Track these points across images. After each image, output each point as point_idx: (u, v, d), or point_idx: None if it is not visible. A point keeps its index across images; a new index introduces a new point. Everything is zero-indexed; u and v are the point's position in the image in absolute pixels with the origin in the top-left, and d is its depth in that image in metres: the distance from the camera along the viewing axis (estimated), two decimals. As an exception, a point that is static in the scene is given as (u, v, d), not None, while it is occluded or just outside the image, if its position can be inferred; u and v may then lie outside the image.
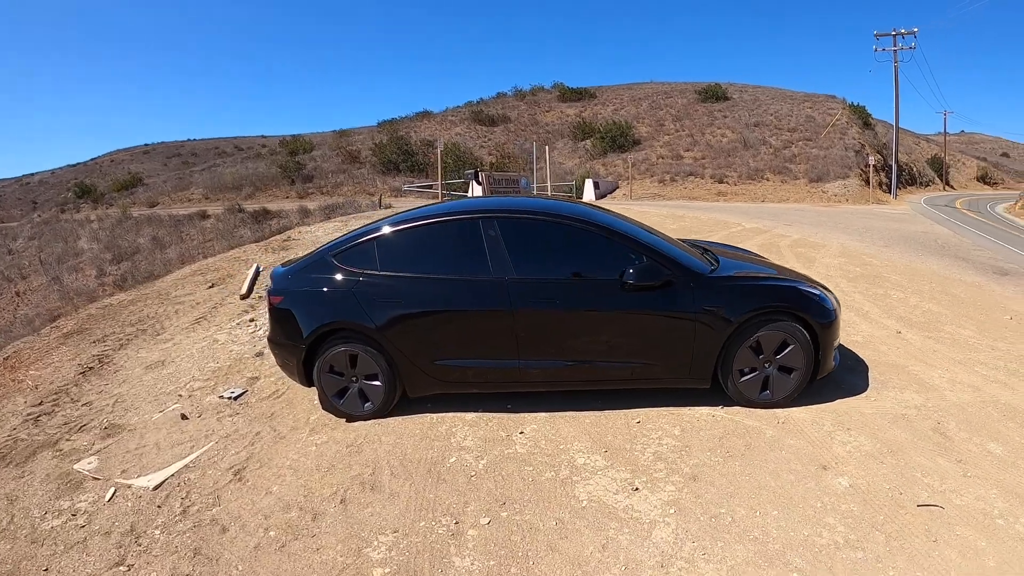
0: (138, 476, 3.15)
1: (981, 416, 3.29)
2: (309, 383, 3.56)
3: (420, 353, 3.38)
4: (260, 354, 4.71)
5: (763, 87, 42.78)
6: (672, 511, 2.41)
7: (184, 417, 3.79)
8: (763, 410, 3.32)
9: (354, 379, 3.48)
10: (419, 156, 27.30)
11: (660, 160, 32.21)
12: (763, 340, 3.24)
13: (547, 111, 41.57)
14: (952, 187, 44.21)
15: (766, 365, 3.29)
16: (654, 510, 2.43)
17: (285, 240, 9.47)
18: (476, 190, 16.08)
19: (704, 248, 4.23)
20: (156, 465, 3.25)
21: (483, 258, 3.37)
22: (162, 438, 3.57)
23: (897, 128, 29.22)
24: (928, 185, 39.99)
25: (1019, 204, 21.66)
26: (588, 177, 24.86)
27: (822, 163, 26.91)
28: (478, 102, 45.63)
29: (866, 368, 3.99)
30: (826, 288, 3.67)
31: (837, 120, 30.07)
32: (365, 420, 3.49)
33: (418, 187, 21.45)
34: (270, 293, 3.64)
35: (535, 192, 20.38)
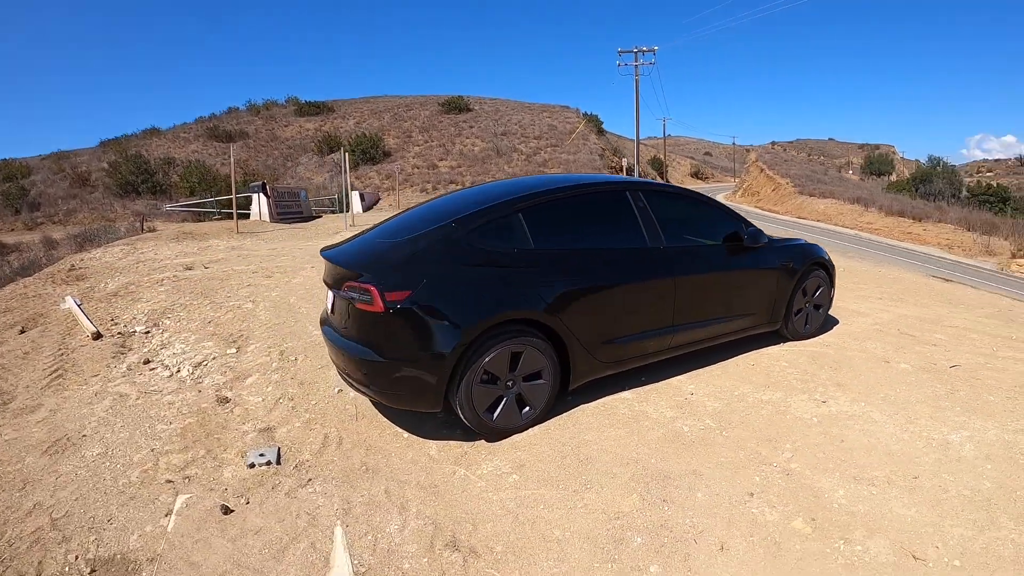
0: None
1: (910, 324, 5.74)
2: (445, 405, 3.32)
3: (593, 335, 3.62)
4: (225, 400, 4.24)
5: (502, 99, 50.96)
6: (862, 404, 3.82)
7: (227, 510, 2.98)
8: (808, 340, 5.08)
9: (509, 384, 3.38)
10: (159, 176, 27.85)
11: (416, 170, 35.18)
12: (808, 286, 4.99)
13: (286, 126, 45.11)
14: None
15: (807, 305, 5.06)
16: (853, 407, 3.78)
17: (70, 270, 8.70)
18: (263, 203, 16.94)
19: None
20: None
21: (637, 228, 3.95)
22: (237, 554, 2.67)
23: (638, 134, 38.64)
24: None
25: (739, 193, 31.50)
26: (353, 190, 26.24)
27: (574, 167, 33.32)
28: (210, 117, 49.52)
29: (819, 308, 6.21)
30: None
31: (580, 128, 37.74)
32: (520, 432, 3.48)
33: (182, 207, 19.74)
34: (384, 289, 3.13)
35: (312, 204, 20.89)
